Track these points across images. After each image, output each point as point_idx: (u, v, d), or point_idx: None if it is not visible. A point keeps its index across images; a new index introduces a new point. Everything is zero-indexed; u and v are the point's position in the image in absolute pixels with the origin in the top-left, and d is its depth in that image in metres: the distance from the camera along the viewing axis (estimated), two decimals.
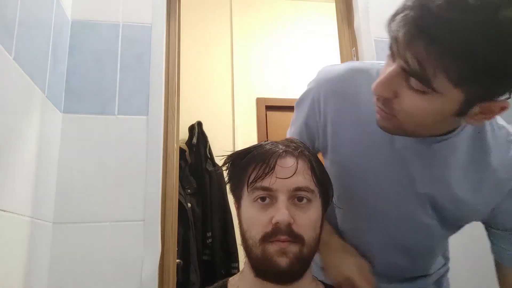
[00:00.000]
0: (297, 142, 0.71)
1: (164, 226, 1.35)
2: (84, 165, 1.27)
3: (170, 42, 1.52)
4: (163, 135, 1.39)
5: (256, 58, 2.94)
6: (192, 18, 2.77)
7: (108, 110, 1.33)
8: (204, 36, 2.89)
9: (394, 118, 0.62)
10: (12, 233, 0.92)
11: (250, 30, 2.99)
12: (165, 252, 1.33)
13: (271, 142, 0.70)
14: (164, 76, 1.44)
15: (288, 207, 0.62)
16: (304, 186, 0.64)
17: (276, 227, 0.61)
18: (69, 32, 1.36)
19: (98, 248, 1.22)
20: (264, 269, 0.63)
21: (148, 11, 1.44)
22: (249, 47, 2.96)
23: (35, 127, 1.06)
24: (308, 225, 0.64)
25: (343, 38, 1.67)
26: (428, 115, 0.58)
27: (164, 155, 1.38)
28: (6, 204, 0.88)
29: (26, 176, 1.00)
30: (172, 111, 1.46)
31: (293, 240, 0.61)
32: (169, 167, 1.41)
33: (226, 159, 0.71)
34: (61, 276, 1.18)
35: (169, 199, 1.39)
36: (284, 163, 0.65)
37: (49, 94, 1.16)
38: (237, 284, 0.71)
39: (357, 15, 1.60)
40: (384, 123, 0.65)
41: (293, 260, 0.61)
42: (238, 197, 0.70)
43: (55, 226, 1.21)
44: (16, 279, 0.96)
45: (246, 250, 0.66)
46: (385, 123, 0.65)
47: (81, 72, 1.34)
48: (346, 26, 1.68)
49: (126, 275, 1.22)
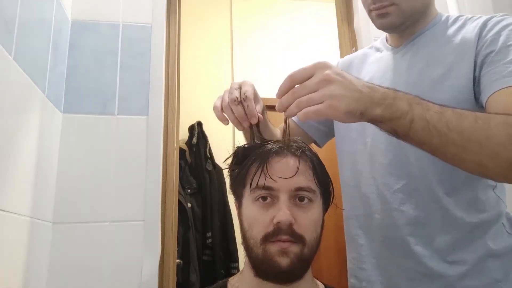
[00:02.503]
0: (299, 142, 0.71)
1: (164, 226, 1.35)
2: (84, 165, 1.27)
3: (170, 42, 1.52)
4: (163, 135, 1.38)
5: (256, 58, 2.94)
6: (192, 18, 2.77)
7: (108, 110, 1.33)
8: (204, 36, 2.89)
9: (392, 6, 0.82)
10: (12, 233, 0.92)
11: (250, 30, 2.99)
12: (165, 252, 1.33)
13: (272, 141, 0.70)
14: (164, 76, 1.43)
15: (289, 207, 0.62)
16: (306, 186, 0.64)
17: (278, 227, 0.61)
18: (69, 32, 1.35)
19: (98, 248, 1.22)
20: (264, 269, 0.62)
21: (148, 11, 1.44)
22: (249, 47, 2.96)
23: (35, 127, 1.06)
24: (309, 225, 0.64)
25: (343, 38, 1.67)
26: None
27: (164, 155, 1.38)
28: (6, 204, 0.88)
29: (26, 176, 1.00)
30: (172, 111, 1.46)
31: (294, 240, 0.61)
32: (169, 167, 1.41)
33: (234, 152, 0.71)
34: (61, 276, 1.18)
35: (169, 199, 1.39)
36: (285, 163, 0.65)
37: (49, 94, 1.15)
38: (237, 284, 0.71)
39: (357, 15, 1.60)
40: (383, 20, 0.85)
41: (294, 260, 0.61)
42: (239, 197, 0.69)
43: (55, 226, 1.20)
44: (16, 279, 0.96)
45: (246, 250, 0.66)
46: (384, 19, 0.85)
47: (81, 72, 1.34)
48: (346, 26, 1.68)
49: (126, 275, 1.22)
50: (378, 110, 0.61)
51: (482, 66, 0.76)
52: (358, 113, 0.60)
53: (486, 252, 0.76)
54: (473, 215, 0.78)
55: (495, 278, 0.75)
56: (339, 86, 0.59)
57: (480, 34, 0.78)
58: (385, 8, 0.84)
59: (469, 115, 0.61)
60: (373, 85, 0.63)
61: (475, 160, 0.61)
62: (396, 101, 0.61)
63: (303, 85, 0.61)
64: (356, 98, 0.60)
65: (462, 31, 0.83)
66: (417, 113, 0.61)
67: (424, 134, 0.61)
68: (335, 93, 0.58)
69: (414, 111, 0.61)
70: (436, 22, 0.89)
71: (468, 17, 0.85)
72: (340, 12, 1.70)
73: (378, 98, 0.61)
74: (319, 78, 0.59)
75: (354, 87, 0.60)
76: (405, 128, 0.61)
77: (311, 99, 0.59)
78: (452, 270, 0.76)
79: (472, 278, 0.75)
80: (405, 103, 0.61)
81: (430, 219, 0.79)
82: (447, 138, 0.60)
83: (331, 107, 0.58)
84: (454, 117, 0.61)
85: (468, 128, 0.60)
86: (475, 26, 0.80)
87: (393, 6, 0.83)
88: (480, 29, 0.79)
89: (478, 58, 0.77)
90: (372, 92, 0.61)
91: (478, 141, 0.60)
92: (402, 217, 0.81)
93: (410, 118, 0.60)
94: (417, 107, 0.61)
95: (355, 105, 0.59)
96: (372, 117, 0.61)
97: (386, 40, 0.99)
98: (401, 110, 0.61)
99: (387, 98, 0.61)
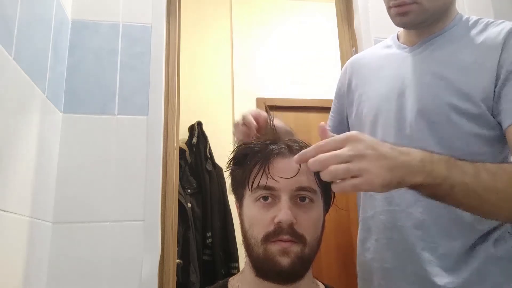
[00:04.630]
0: (300, 142, 0.70)
1: (164, 226, 1.34)
2: (84, 165, 1.27)
3: (170, 42, 1.52)
4: (163, 135, 1.38)
5: (256, 58, 2.94)
6: (192, 18, 2.77)
7: (108, 110, 1.33)
8: (204, 36, 2.89)
9: (414, 4, 0.81)
10: (12, 233, 0.92)
11: (250, 30, 2.99)
12: (165, 252, 1.33)
13: (273, 141, 0.70)
14: (164, 76, 1.43)
15: (290, 207, 0.62)
16: (307, 186, 0.64)
17: (279, 226, 0.61)
18: (69, 32, 1.35)
19: (98, 248, 1.22)
20: (265, 268, 0.62)
21: (148, 11, 1.44)
22: (249, 47, 2.96)
23: (35, 127, 1.06)
24: (310, 225, 0.64)
25: (343, 38, 1.67)
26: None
27: (164, 155, 1.38)
28: (6, 204, 0.88)
29: (26, 176, 1.00)
30: (172, 111, 1.46)
31: (295, 240, 0.62)
32: (169, 167, 1.41)
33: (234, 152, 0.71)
34: (61, 276, 1.18)
35: (169, 199, 1.39)
36: (287, 163, 0.65)
37: (49, 94, 1.15)
38: (237, 284, 0.71)
39: (357, 15, 1.60)
40: (403, 18, 0.83)
41: (294, 260, 0.61)
42: (240, 196, 0.69)
43: (55, 226, 1.20)
44: (16, 279, 0.96)
45: (247, 250, 0.66)
46: (404, 17, 0.83)
47: (81, 72, 1.34)
48: (346, 26, 1.67)
49: (126, 275, 1.22)
50: (419, 178, 0.60)
51: (504, 83, 0.74)
52: (394, 184, 0.59)
53: (487, 258, 0.76)
54: (483, 221, 0.77)
55: (497, 282, 0.75)
56: (373, 162, 0.57)
57: (505, 44, 0.76)
58: (406, 6, 0.82)
59: (504, 174, 0.65)
60: (409, 151, 0.62)
61: (507, 215, 0.67)
62: (435, 166, 0.61)
63: (336, 153, 0.58)
64: (391, 169, 0.58)
65: (483, 35, 0.80)
66: (456, 178, 0.62)
67: (463, 197, 0.63)
68: (369, 169, 0.57)
69: (453, 176, 0.62)
70: (456, 23, 0.86)
71: (489, 21, 0.83)
72: (340, 12, 1.70)
73: (417, 166, 0.60)
74: (353, 152, 0.57)
75: (388, 160, 0.59)
76: (445, 192, 0.62)
77: (349, 170, 0.57)
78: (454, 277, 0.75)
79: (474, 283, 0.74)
80: (443, 167, 0.61)
81: (437, 224, 0.78)
82: (484, 199, 0.64)
83: (367, 182, 0.57)
84: (489, 179, 0.63)
85: (503, 189, 0.64)
86: (498, 33, 0.78)
87: (414, 5, 0.81)
88: (505, 38, 0.76)
89: (502, 71, 0.75)
90: (408, 159, 0.60)
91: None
92: (409, 220, 0.80)
93: (450, 183, 0.61)
94: (454, 171, 0.62)
95: (391, 178, 0.58)
96: (412, 185, 0.61)
97: (398, 37, 0.96)
98: (441, 177, 0.61)
99: (425, 164, 0.61)
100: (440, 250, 0.77)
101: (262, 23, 3.03)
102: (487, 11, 1.56)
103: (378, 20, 1.54)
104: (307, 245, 0.62)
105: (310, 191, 0.64)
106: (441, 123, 0.78)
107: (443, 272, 0.76)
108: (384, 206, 0.84)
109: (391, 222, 0.83)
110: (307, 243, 0.62)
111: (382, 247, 0.84)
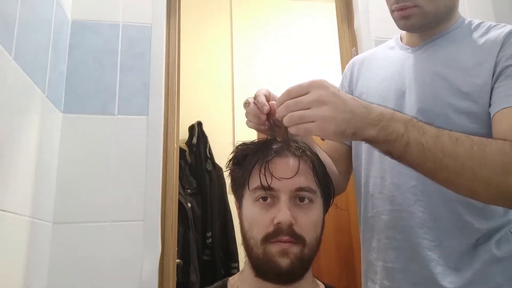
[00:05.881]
0: (300, 142, 0.71)
1: (164, 226, 1.35)
2: (84, 165, 1.27)
3: (170, 42, 1.52)
4: (163, 135, 1.38)
5: (256, 58, 2.94)
6: (192, 18, 2.77)
7: (108, 110, 1.33)
8: (204, 36, 2.89)
9: (415, 8, 0.81)
10: (12, 233, 0.92)
11: (250, 30, 2.99)
12: (165, 252, 1.33)
13: (273, 141, 0.70)
14: (164, 76, 1.43)
15: (290, 208, 0.62)
16: (306, 186, 0.64)
17: (278, 227, 0.61)
18: (69, 32, 1.36)
19: (98, 248, 1.22)
20: (265, 269, 0.62)
21: (148, 11, 1.44)
22: (249, 47, 2.96)
23: (35, 127, 1.06)
24: (309, 225, 0.64)
25: (343, 38, 1.67)
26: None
27: (164, 155, 1.38)
28: (6, 204, 0.88)
29: (26, 176, 1.00)
30: (172, 111, 1.46)
31: (295, 241, 0.61)
32: (169, 167, 1.41)
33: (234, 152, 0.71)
34: (61, 276, 1.18)
35: (169, 199, 1.39)
36: (286, 163, 0.65)
37: (49, 94, 1.16)
38: (237, 284, 0.71)
39: (357, 15, 1.60)
40: (406, 22, 0.83)
41: (294, 261, 0.61)
42: (239, 197, 0.69)
43: (55, 226, 1.20)
44: (16, 279, 0.96)
45: (246, 250, 0.66)
46: (407, 21, 0.83)
47: (81, 72, 1.34)
48: (346, 26, 1.68)
49: (126, 275, 1.22)
50: (372, 131, 0.60)
51: (498, 77, 0.75)
52: (349, 134, 0.60)
53: (489, 258, 0.75)
54: (483, 221, 0.77)
55: (498, 283, 0.74)
56: (331, 108, 0.59)
57: (504, 44, 0.77)
58: (408, 10, 0.82)
59: (466, 140, 0.62)
60: (370, 105, 0.62)
61: (467, 185, 0.62)
62: (392, 123, 0.61)
63: (296, 101, 0.61)
64: (347, 119, 0.59)
65: (485, 37, 0.81)
66: (412, 136, 0.61)
67: (419, 158, 0.61)
68: (325, 114, 0.59)
69: (410, 134, 0.61)
70: (458, 25, 0.87)
71: (492, 25, 0.84)
72: (340, 12, 1.70)
73: (373, 119, 0.61)
74: (312, 97, 0.60)
75: (346, 108, 0.60)
76: (400, 150, 0.61)
77: (302, 117, 0.60)
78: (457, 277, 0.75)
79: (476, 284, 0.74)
80: (401, 125, 0.61)
81: (438, 223, 0.78)
82: (441, 163, 0.61)
83: (320, 127, 0.59)
84: (449, 142, 0.61)
85: (462, 154, 0.61)
86: (498, 34, 0.79)
87: (415, 8, 0.82)
88: (504, 38, 0.78)
89: (497, 68, 0.76)
90: (367, 112, 0.61)
91: (472, 168, 0.60)
92: (411, 219, 0.80)
93: (405, 141, 0.60)
94: (413, 129, 0.61)
95: (345, 126, 0.59)
96: (365, 137, 0.61)
97: (401, 39, 0.97)
98: (396, 133, 0.61)
99: (382, 119, 0.61)
100: (442, 249, 0.77)
101: (262, 23, 3.02)
102: (489, 15, 1.56)
103: (378, 20, 1.54)
104: (306, 245, 0.62)
105: (310, 191, 0.64)
106: (441, 122, 0.78)
107: (446, 272, 0.76)
108: (386, 206, 0.84)
109: (393, 221, 0.82)
110: (306, 244, 0.62)
111: (385, 246, 0.84)
